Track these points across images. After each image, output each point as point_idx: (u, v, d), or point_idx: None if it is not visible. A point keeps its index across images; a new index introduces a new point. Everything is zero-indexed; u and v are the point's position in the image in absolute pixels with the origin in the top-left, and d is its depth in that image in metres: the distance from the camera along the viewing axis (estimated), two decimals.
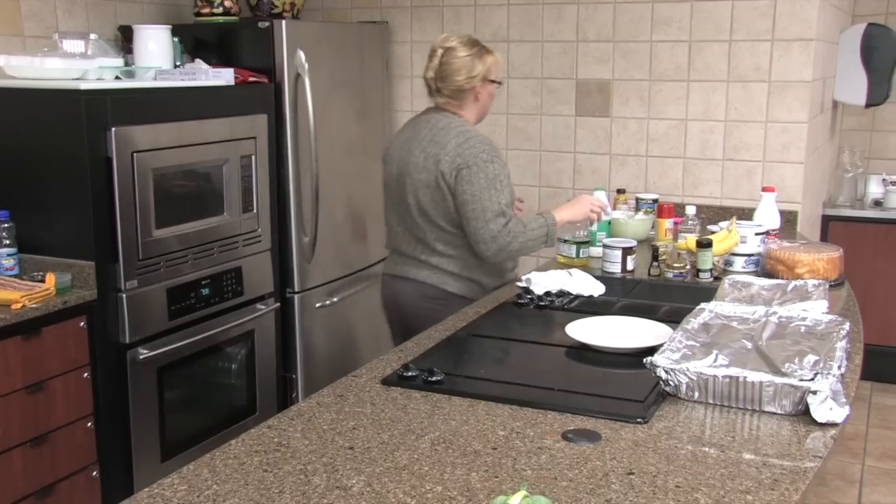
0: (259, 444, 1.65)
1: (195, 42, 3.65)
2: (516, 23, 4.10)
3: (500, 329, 2.41)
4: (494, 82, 2.88)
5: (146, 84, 3.14)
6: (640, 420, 1.73)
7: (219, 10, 3.77)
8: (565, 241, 3.07)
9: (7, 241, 2.84)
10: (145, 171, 2.94)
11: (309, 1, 4.30)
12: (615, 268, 2.90)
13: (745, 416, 1.76)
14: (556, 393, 1.90)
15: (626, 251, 2.90)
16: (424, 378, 1.95)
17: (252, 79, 3.51)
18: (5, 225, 2.83)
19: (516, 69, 4.13)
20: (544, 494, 1.42)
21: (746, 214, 3.29)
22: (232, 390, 3.46)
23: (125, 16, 3.77)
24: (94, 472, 2.87)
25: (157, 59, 3.28)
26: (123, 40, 3.59)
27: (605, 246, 2.95)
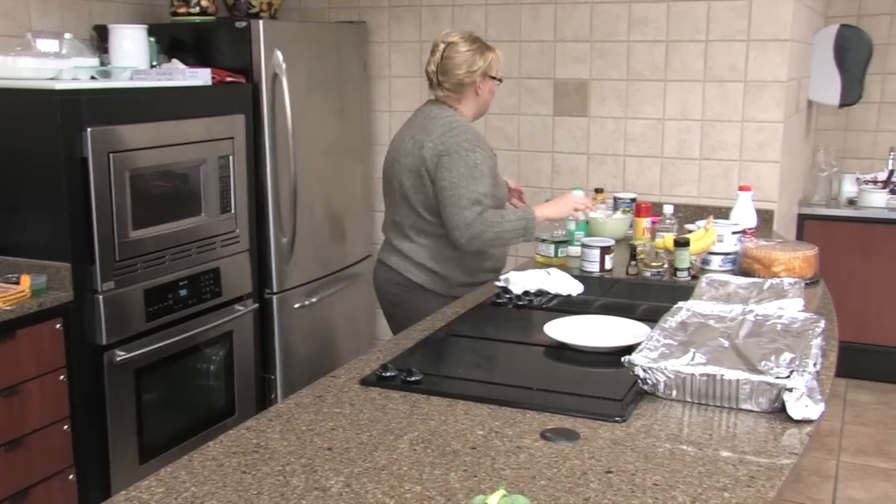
0: (237, 446, 1.64)
1: (171, 42, 3.62)
2: (494, 22, 4.11)
3: (479, 329, 2.41)
4: (495, 79, 2.95)
5: (122, 84, 3.12)
6: (618, 419, 1.74)
7: (195, 10, 3.75)
8: (544, 241, 3.07)
9: None
10: (122, 172, 2.92)
11: (286, 1, 4.28)
12: (593, 267, 2.91)
13: (723, 414, 1.78)
14: (534, 392, 1.90)
15: (604, 250, 2.91)
16: (403, 378, 1.95)
17: (229, 79, 3.49)
18: None
19: None
20: (523, 493, 1.43)
21: (723, 213, 3.31)
22: (210, 392, 3.44)
23: (100, 15, 3.74)
24: (71, 476, 2.85)
25: (133, 59, 3.26)
26: (99, 40, 3.56)
27: (584, 245, 2.96)
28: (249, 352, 3.58)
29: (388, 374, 1.97)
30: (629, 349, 1.96)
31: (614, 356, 2.00)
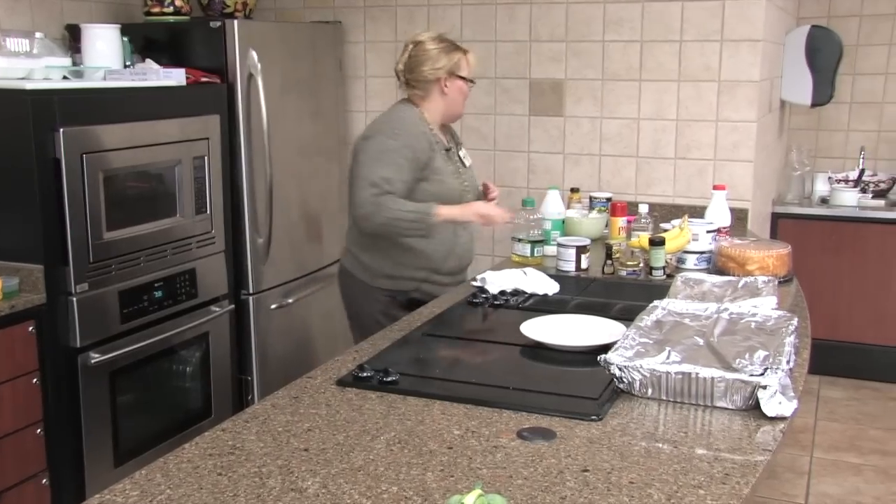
0: (213, 448, 1.63)
1: (145, 42, 3.60)
2: (470, 23, 4.11)
3: (455, 328, 2.42)
4: (465, 80, 2.94)
5: (95, 84, 3.08)
6: (594, 417, 1.75)
7: (169, 10, 3.72)
8: (520, 241, 3.08)
9: None
10: (95, 173, 2.89)
11: (261, 0, 4.26)
12: (569, 266, 2.92)
13: (698, 412, 1.79)
14: (511, 392, 1.91)
15: (580, 250, 2.93)
16: (380, 378, 1.94)
17: (204, 79, 3.47)
18: None
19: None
20: (500, 493, 1.43)
21: (698, 212, 3.33)
22: (187, 393, 3.42)
23: (72, 14, 3.70)
24: (44, 480, 2.82)
25: (106, 59, 3.22)
26: (71, 39, 3.52)
27: (560, 244, 2.97)
28: (226, 353, 3.56)
29: (365, 374, 1.97)
30: (605, 348, 1.97)
31: (590, 355, 2.01)
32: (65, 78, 3.01)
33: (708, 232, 2.96)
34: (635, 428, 1.72)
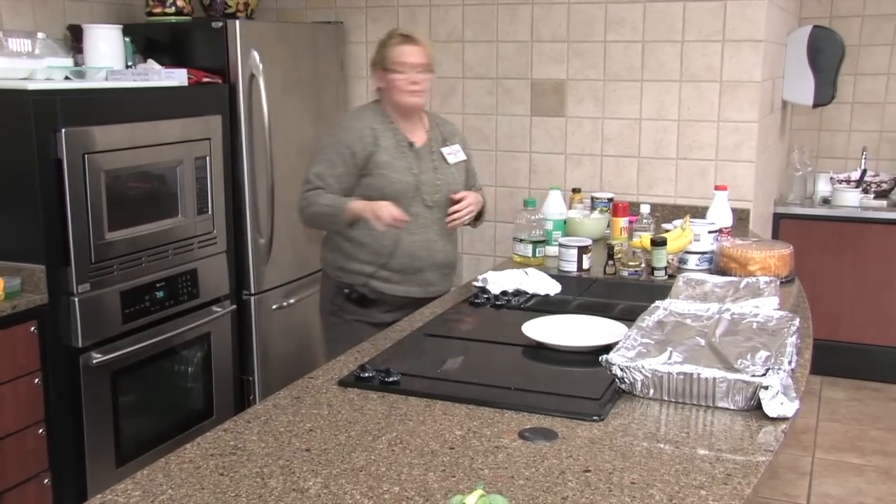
0: (215, 448, 1.63)
1: (147, 42, 3.60)
2: (471, 23, 4.11)
3: (457, 329, 2.42)
4: (395, 72, 2.83)
5: (97, 84, 3.09)
6: (595, 418, 1.75)
7: (171, 10, 3.72)
8: (521, 241, 3.08)
9: None
10: (97, 173, 2.89)
11: (263, 1, 4.27)
12: (571, 266, 2.92)
13: (699, 413, 1.79)
14: (512, 392, 1.91)
15: (582, 250, 2.93)
16: (381, 379, 1.94)
17: (206, 79, 3.47)
18: None
19: (471, 69, 4.14)
20: (501, 493, 1.43)
21: (700, 213, 3.33)
22: (188, 394, 3.43)
23: (74, 15, 3.71)
24: (46, 480, 2.82)
25: (108, 60, 3.23)
26: (73, 40, 3.52)
27: (561, 245, 2.97)
28: (227, 353, 3.56)
29: (366, 374, 1.97)
30: (607, 348, 1.97)
31: (592, 355, 2.01)
32: (67, 78, 3.01)
33: (710, 232, 2.96)
34: (637, 428, 1.72)
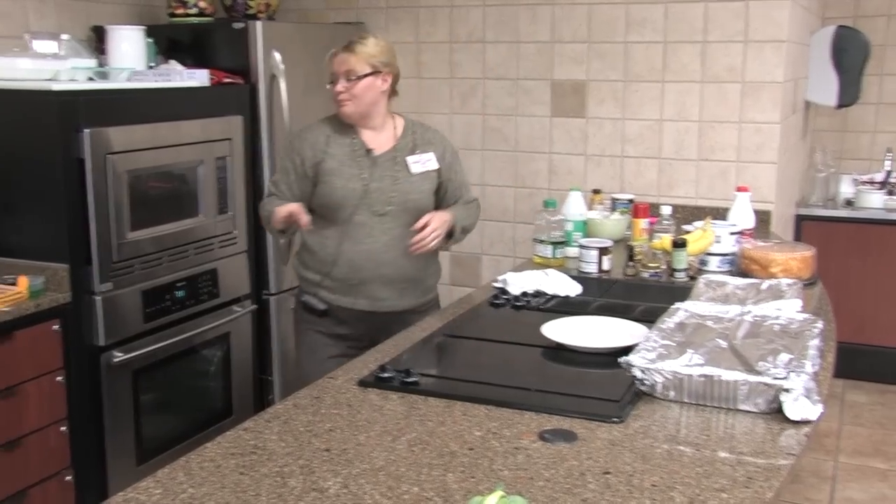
0: (235, 447, 1.64)
1: (169, 43, 3.62)
2: (492, 24, 4.11)
3: (477, 330, 2.41)
4: (330, 83, 2.77)
5: (120, 85, 3.11)
6: (616, 419, 1.74)
7: (193, 11, 3.74)
8: (541, 242, 3.07)
9: None
10: (119, 173, 2.92)
11: (284, 1, 4.28)
12: (591, 268, 2.91)
13: (720, 415, 1.78)
14: (532, 393, 1.90)
15: (602, 251, 2.91)
16: (401, 379, 1.95)
17: (227, 80, 3.49)
18: None
19: (492, 70, 4.13)
20: (521, 494, 1.43)
21: (721, 214, 3.31)
22: (208, 393, 3.44)
23: (97, 16, 3.74)
24: (68, 477, 2.85)
25: (130, 60, 3.25)
26: (96, 41, 3.56)
27: (581, 246, 2.96)
28: (247, 353, 3.58)
29: (386, 375, 1.97)
30: (627, 350, 1.96)
31: (612, 357, 2.00)
32: (90, 79, 3.04)
33: (731, 234, 2.94)
34: (657, 430, 1.71)
